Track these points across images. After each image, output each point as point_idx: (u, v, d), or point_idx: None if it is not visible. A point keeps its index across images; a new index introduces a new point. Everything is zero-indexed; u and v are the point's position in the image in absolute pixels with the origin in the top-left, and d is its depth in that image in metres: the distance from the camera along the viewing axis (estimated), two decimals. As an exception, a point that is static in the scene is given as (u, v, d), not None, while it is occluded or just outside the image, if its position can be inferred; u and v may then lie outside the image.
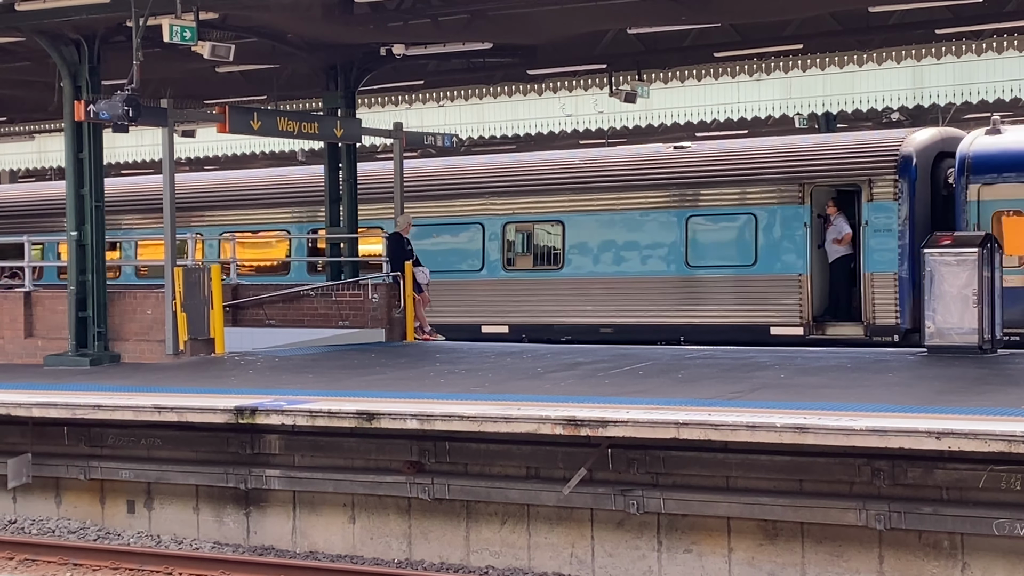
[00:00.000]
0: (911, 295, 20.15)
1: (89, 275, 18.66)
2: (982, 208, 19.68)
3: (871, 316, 20.68)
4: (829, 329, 20.99)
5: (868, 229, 20.65)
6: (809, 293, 21.06)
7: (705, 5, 18.43)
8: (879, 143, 21.50)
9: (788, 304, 21.20)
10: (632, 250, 22.50)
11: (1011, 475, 10.83)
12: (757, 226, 21.30)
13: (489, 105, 33.74)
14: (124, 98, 16.72)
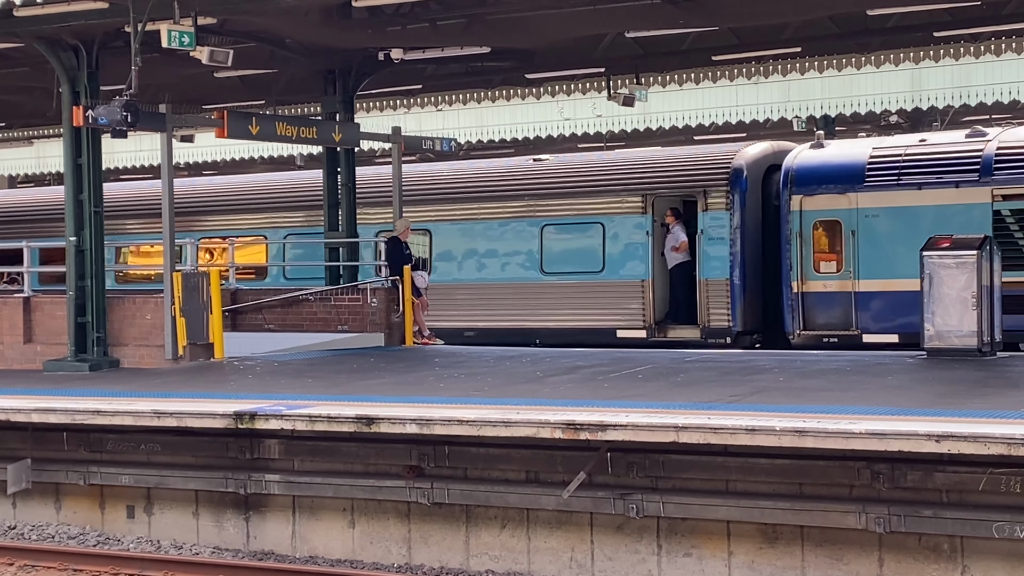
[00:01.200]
0: (742, 299, 21.59)
1: (88, 280, 18.66)
2: (804, 218, 20.88)
3: (706, 319, 21.81)
4: (670, 332, 22.18)
5: (703, 237, 21.81)
6: (651, 298, 22.30)
7: (703, 8, 18.43)
8: (714, 156, 22.71)
9: (632, 308, 22.39)
10: (493, 257, 23.61)
11: (1011, 478, 10.83)
12: (604, 235, 22.43)
13: (488, 109, 33.75)
14: (123, 103, 16.72)
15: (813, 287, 20.81)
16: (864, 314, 20.38)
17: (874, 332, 20.24)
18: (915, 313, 18.32)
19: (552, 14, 18.71)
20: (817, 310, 20.76)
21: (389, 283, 20.74)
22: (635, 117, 31.97)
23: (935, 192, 19.99)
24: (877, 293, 20.32)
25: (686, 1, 18.05)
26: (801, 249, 20.90)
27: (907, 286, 19.35)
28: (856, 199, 20.58)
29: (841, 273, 20.59)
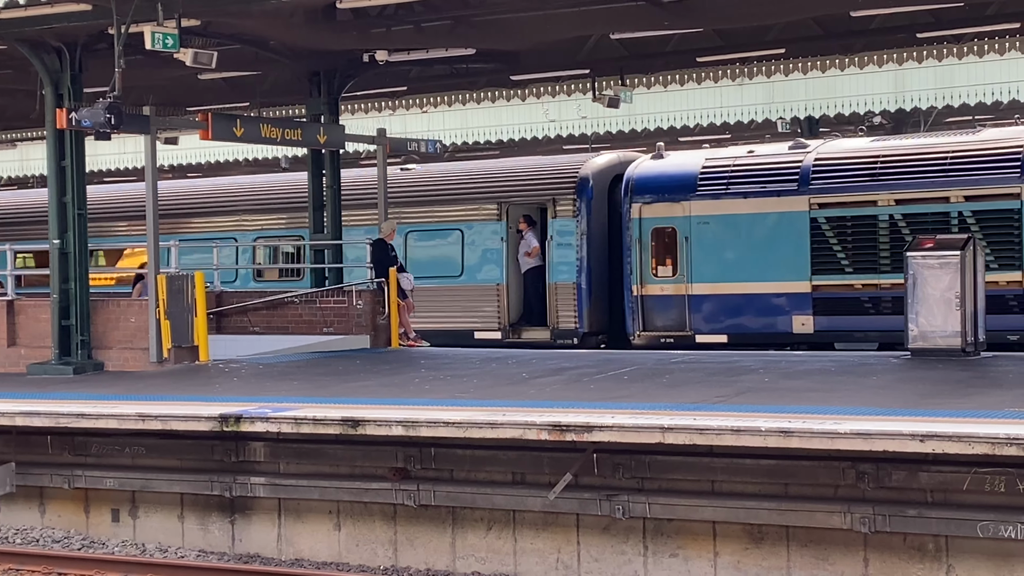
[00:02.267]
0: (588, 302, 22.79)
1: (72, 283, 18.61)
2: (643, 225, 21.97)
3: (555, 321, 22.93)
4: (523, 333, 23.22)
5: (553, 243, 22.93)
6: (506, 301, 23.29)
7: (687, 10, 18.45)
8: (563, 167, 23.88)
9: (488, 311, 23.43)
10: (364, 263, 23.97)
11: (995, 477, 10.87)
12: (463, 241, 23.30)
13: (473, 111, 33.76)
14: (106, 105, 16.67)
15: (651, 291, 21.89)
16: (696, 316, 21.53)
17: (705, 333, 21.37)
18: (742, 315, 21.04)
19: (537, 16, 18.72)
20: (655, 312, 21.90)
21: (374, 285, 20.72)
22: (620, 118, 32.02)
23: (759, 201, 21.14)
24: (708, 296, 21.45)
25: (670, 2, 18.08)
26: (640, 255, 21.97)
27: (735, 289, 21.15)
28: (689, 207, 21.63)
29: (676, 277, 21.70)
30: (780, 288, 20.77)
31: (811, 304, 20.59)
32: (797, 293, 20.70)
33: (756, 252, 20.71)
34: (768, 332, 20.86)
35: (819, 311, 20.42)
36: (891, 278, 19.83)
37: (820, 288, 20.42)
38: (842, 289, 20.46)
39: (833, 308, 20.46)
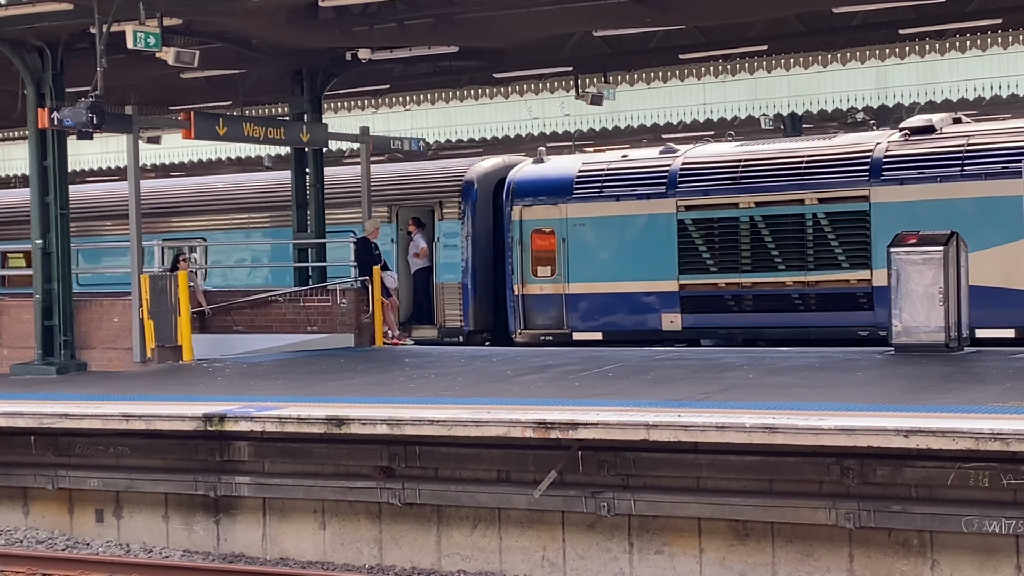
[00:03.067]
0: (472, 301, 23.48)
1: (55, 283, 18.55)
2: (523, 226, 22.75)
3: (442, 320, 23.57)
4: (413, 331, 23.63)
5: (440, 245, 23.70)
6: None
7: (670, 7, 18.48)
8: (449, 170, 24.74)
9: None
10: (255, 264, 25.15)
11: (979, 472, 10.90)
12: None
13: (456, 108, 33.74)
14: (88, 105, 16.62)
15: (532, 290, 22.58)
16: (573, 314, 22.25)
17: (582, 330, 22.15)
18: (615, 313, 21.86)
19: (520, 13, 18.72)
20: (535, 311, 22.59)
21: (358, 283, 20.70)
22: (603, 116, 32.01)
23: (631, 203, 21.97)
24: (584, 295, 22.19)
25: (653, 0, 18.09)
26: (521, 256, 22.71)
27: (608, 288, 21.94)
28: (566, 210, 22.38)
29: (554, 277, 22.41)
30: (650, 287, 21.56)
31: (679, 302, 21.43)
32: (666, 292, 21.54)
33: (628, 253, 21.44)
34: (639, 329, 21.64)
35: (686, 309, 21.31)
36: (752, 277, 20.89)
37: (687, 287, 21.28)
38: (707, 288, 21.26)
39: (699, 306, 21.30)
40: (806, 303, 20.57)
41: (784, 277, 20.71)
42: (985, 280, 19.18)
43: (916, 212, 19.73)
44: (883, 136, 21.36)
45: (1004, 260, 19.32)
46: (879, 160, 20.42)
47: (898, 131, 21.24)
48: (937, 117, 21.28)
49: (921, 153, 20.21)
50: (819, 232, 20.46)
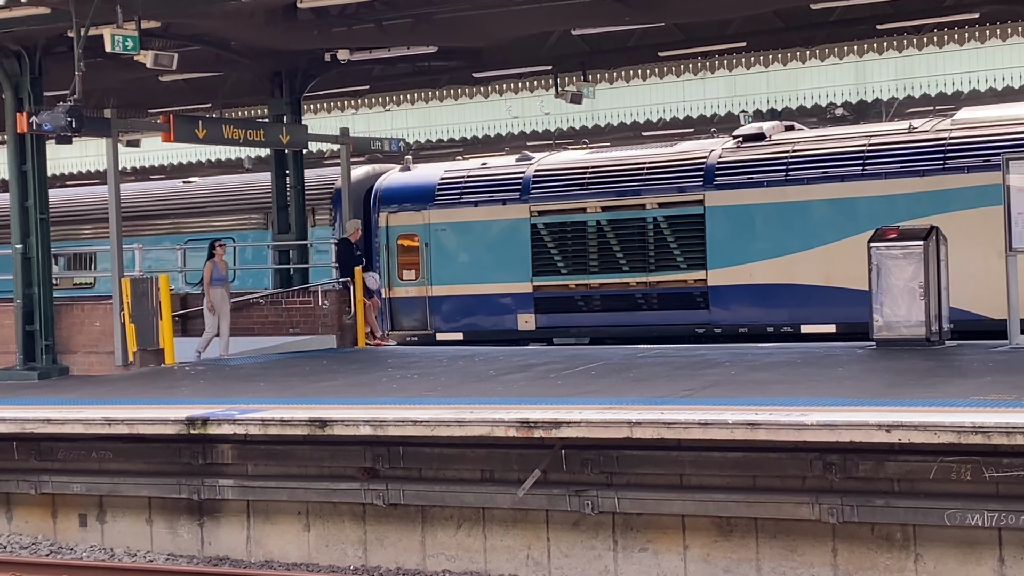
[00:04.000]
0: None
1: (36, 288, 18.51)
2: (390, 232, 23.90)
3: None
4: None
5: (313, 250, 24.29)
6: None
7: (648, 5, 18.50)
8: (321, 178, 25.74)
9: None
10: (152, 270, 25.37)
11: (961, 466, 10.94)
12: (235, 248, 24.54)
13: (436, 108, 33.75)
14: (67, 109, 16.58)
15: (398, 293, 23.61)
16: (436, 316, 23.34)
17: (445, 331, 23.22)
18: (475, 314, 22.87)
19: (498, 12, 18.73)
20: (402, 313, 23.62)
21: (340, 285, 20.68)
22: (583, 114, 32.06)
23: (488, 209, 23.08)
24: (446, 297, 23.26)
25: (631, -2, 18.13)
26: (388, 260, 23.82)
27: (468, 291, 22.98)
28: (429, 215, 23.48)
29: (419, 281, 23.49)
30: (507, 289, 22.52)
31: (533, 303, 22.51)
32: (521, 293, 22.61)
33: (486, 256, 22.23)
34: (497, 329, 22.62)
35: (540, 309, 22.42)
36: (599, 278, 22.07)
37: (540, 288, 22.41)
38: (559, 289, 22.35)
39: (551, 306, 22.42)
40: (649, 303, 21.71)
41: (628, 278, 21.86)
42: (808, 279, 20.64)
43: (745, 215, 21.06)
44: (718, 144, 22.47)
45: (825, 260, 20.38)
46: (713, 166, 21.61)
47: (732, 138, 22.26)
48: (768, 125, 22.55)
49: (750, 159, 21.38)
50: (659, 235, 21.61)
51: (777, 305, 21.00)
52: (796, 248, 19.25)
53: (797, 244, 19.95)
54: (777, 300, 21.01)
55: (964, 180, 19.70)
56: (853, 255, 19.67)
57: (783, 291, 20.95)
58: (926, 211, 19.65)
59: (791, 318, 20.88)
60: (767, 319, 21.12)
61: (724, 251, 21.40)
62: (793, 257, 20.23)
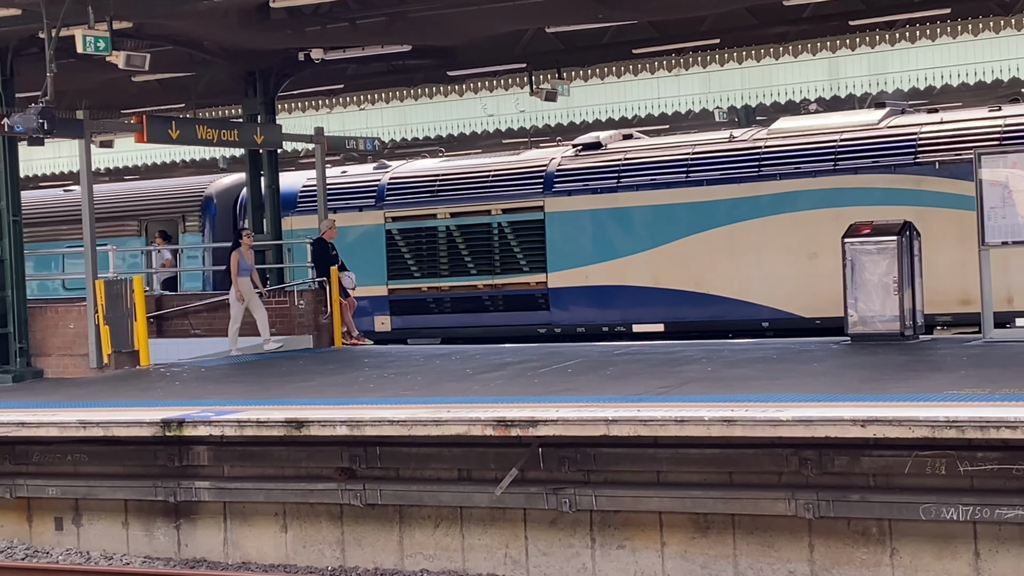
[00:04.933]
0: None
1: (9, 290, 18.41)
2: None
3: None
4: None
5: (183, 255, 25.60)
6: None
7: (622, 3, 18.52)
8: (192, 186, 27.23)
9: None
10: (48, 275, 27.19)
11: (936, 460, 10.98)
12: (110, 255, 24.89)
13: (411, 107, 33.69)
14: (38, 110, 16.50)
15: None
16: None
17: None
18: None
19: (472, 10, 18.71)
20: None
21: (316, 285, 20.64)
22: (558, 112, 32.04)
23: (347, 215, 24.21)
24: None
25: (605, -5, 18.14)
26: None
27: None
28: (291, 222, 24.53)
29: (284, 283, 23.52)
30: (365, 292, 22.90)
31: (388, 306, 23.74)
32: (378, 296, 23.74)
33: (347, 261, 22.04)
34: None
35: (395, 312, 23.66)
36: (449, 281, 23.30)
37: (395, 291, 23.70)
38: (412, 292, 23.58)
39: (405, 309, 23.64)
40: (495, 304, 22.79)
41: (476, 281, 23.02)
42: (638, 281, 21.85)
43: (581, 220, 22.26)
44: (559, 152, 23.70)
45: (653, 263, 21.66)
46: (552, 174, 22.94)
47: (572, 147, 23.52)
48: (606, 134, 23.67)
49: (586, 167, 22.68)
50: (504, 240, 22.83)
51: (611, 306, 22.17)
52: (627, 252, 20.54)
53: (628, 248, 21.29)
54: (611, 301, 22.18)
55: (777, 186, 20.86)
56: (678, 258, 21.36)
57: (616, 292, 22.12)
58: (744, 216, 21.02)
59: (623, 318, 22.01)
60: (602, 319, 22.25)
61: (562, 255, 22.62)
62: (624, 260, 21.57)
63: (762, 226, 20.57)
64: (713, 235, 21.34)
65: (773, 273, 19.24)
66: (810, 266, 20.51)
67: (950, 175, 20.16)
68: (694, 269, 21.46)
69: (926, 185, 20.35)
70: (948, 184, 20.23)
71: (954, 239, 20.00)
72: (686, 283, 21.28)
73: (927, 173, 20.34)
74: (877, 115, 21.54)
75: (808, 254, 20.40)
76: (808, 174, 20.69)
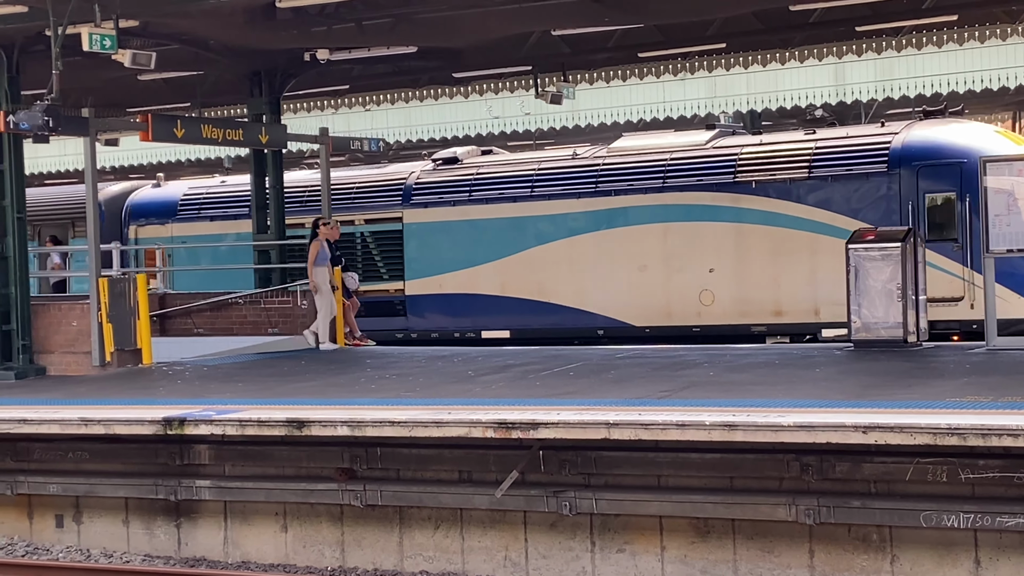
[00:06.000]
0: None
1: (12, 287, 18.42)
2: (139, 243, 26.46)
3: None
4: None
5: (72, 260, 26.54)
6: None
7: (628, 6, 18.50)
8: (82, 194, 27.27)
9: None
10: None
11: (937, 467, 10.97)
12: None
13: (416, 108, 33.70)
14: (44, 108, 16.51)
15: None
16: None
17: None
18: None
19: (478, 13, 18.70)
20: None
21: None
22: (563, 115, 32.03)
23: (222, 223, 25.73)
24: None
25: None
26: (136, 266, 25.98)
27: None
28: (171, 229, 25.92)
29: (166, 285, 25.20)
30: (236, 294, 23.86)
31: None
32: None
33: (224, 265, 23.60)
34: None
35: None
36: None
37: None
38: None
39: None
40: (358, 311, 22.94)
41: None
42: (487, 290, 22.99)
43: (436, 231, 23.53)
44: (418, 166, 25.10)
45: (500, 273, 22.67)
46: (410, 187, 24.44)
47: (431, 161, 24.90)
48: (463, 150, 24.87)
49: (442, 181, 24.08)
50: (366, 249, 24.01)
51: (462, 313, 23.26)
52: (477, 262, 21.60)
53: (478, 258, 22.44)
54: (462, 308, 23.25)
55: (612, 202, 22.14)
56: (523, 268, 22.34)
57: (467, 300, 23.20)
58: (582, 229, 22.24)
59: (474, 325, 23.07)
60: (455, 326, 23.33)
61: (419, 264, 23.96)
62: (475, 270, 22.72)
63: (598, 239, 21.72)
64: (555, 247, 22.55)
65: (607, 284, 20.37)
66: (640, 278, 21.90)
67: (765, 194, 21.61)
68: (537, 279, 22.60)
69: (744, 203, 21.73)
70: (763, 202, 21.63)
71: (768, 254, 21.49)
72: (530, 292, 22.42)
73: (745, 192, 21.74)
74: (706, 136, 22.98)
75: (639, 267, 21.80)
76: (640, 191, 22.15)
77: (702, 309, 21.81)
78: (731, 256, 21.79)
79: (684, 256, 21.89)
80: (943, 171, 20.61)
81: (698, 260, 21.87)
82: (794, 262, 21.33)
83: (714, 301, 21.74)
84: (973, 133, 21.33)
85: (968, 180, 20.01)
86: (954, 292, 20.29)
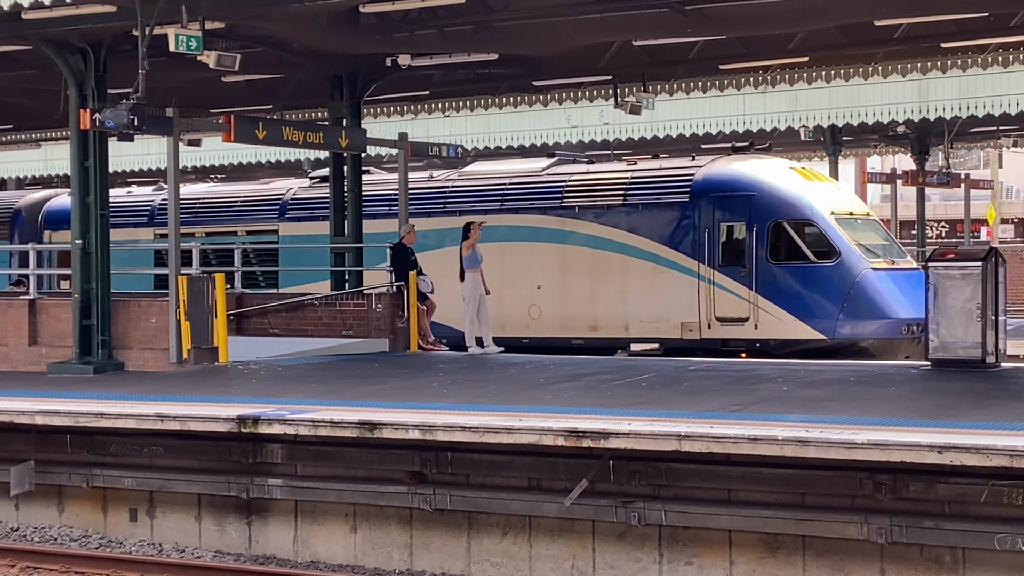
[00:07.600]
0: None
1: (94, 283, 18.69)
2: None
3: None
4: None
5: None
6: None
7: (710, 18, 18.43)
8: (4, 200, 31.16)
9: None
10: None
11: (1013, 490, 10.83)
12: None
13: (495, 116, 33.67)
14: (129, 107, 16.74)
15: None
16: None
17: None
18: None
19: (559, 21, 18.72)
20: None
21: (394, 288, 20.73)
22: (642, 125, 31.88)
23: (125, 231, 27.20)
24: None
25: (693, 10, 18.05)
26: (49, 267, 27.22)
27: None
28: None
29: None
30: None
31: None
32: None
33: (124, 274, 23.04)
34: None
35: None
36: None
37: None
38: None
39: None
40: None
41: None
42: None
43: (308, 243, 25.42)
44: (296, 183, 27.74)
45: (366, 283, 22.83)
46: (286, 202, 27.06)
47: (309, 179, 27.54)
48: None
49: (314, 197, 26.47)
50: (246, 259, 24.78)
51: None
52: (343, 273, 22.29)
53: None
54: None
55: (456, 222, 23.43)
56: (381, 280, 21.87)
57: None
58: (431, 246, 24.35)
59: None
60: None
61: (292, 274, 25.70)
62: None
63: (444, 255, 23.06)
64: None
65: (446, 296, 21.08)
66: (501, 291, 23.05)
67: (586, 218, 24.04)
68: None
69: (569, 226, 24.22)
70: (585, 226, 24.03)
71: (587, 274, 23.81)
72: None
73: (569, 216, 24.29)
74: (543, 163, 25.56)
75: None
76: (481, 212, 24.32)
77: (530, 322, 24.35)
78: (556, 274, 24.22)
79: (517, 273, 24.21)
80: (735, 203, 22.91)
81: (529, 277, 24.30)
82: (608, 282, 23.70)
83: (541, 315, 24.24)
84: (768, 169, 23.57)
85: (757, 211, 22.58)
86: (742, 313, 22.32)
